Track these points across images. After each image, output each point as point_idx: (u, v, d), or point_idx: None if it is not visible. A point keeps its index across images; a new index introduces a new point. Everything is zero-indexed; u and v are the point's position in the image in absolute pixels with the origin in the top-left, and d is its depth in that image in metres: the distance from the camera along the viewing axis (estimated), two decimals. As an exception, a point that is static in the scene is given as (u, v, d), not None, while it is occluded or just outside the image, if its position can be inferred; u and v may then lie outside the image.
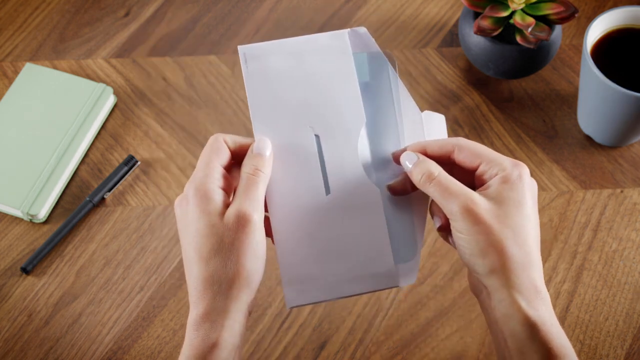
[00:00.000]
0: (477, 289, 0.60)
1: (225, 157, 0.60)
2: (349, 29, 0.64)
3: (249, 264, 0.57)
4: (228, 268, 0.56)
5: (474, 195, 0.58)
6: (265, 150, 0.60)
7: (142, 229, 0.84)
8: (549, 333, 0.56)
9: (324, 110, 0.62)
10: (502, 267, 0.56)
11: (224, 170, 0.60)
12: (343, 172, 0.61)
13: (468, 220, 0.57)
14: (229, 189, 0.60)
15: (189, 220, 0.58)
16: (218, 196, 0.58)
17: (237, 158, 0.61)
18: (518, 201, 0.58)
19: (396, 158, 0.63)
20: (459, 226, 0.57)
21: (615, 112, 0.81)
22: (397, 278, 0.61)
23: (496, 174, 0.59)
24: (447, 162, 0.61)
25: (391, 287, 0.61)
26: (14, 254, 0.83)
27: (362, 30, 0.64)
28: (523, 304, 0.56)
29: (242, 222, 0.56)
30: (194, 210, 0.57)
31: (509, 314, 0.56)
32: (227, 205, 0.58)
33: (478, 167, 0.60)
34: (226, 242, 0.56)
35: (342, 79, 0.63)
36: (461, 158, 0.60)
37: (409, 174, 0.61)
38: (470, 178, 0.61)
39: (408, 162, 0.61)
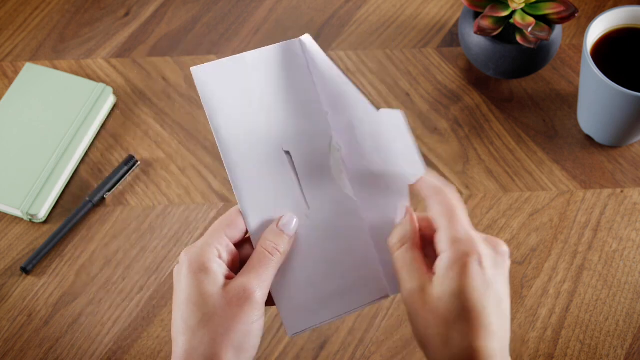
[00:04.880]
0: None
1: (237, 231, 0.57)
2: (297, 39, 0.62)
3: (239, 340, 0.54)
4: (216, 342, 0.53)
5: (427, 283, 0.53)
6: (291, 230, 0.58)
7: (142, 229, 0.84)
8: None
9: (289, 124, 0.60)
10: None
11: (231, 245, 0.57)
12: (318, 187, 0.60)
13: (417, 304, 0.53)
14: (233, 264, 0.57)
15: (181, 287, 0.55)
16: (216, 267, 0.55)
17: None
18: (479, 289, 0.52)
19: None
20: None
21: (615, 112, 0.81)
22: (386, 287, 0.60)
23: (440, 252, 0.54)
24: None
25: (383, 298, 0.60)
26: (14, 253, 0.83)
27: (308, 38, 0.62)
28: None
29: (243, 297, 0.54)
30: (186, 277, 0.55)
31: None
32: (226, 277, 0.55)
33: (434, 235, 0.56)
34: (219, 315, 0.54)
35: (301, 92, 0.60)
36: (422, 225, 0.57)
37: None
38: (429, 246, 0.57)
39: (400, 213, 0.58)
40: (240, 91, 0.60)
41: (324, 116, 0.61)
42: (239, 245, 0.58)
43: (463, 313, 0.51)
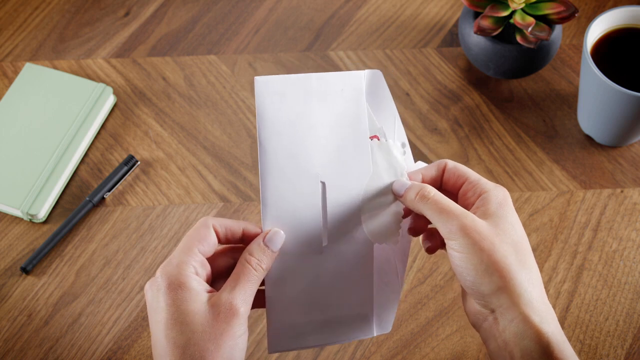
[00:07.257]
0: (479, 318, 0.58)
1: (209, 246, 0.58)
2: (365, 71, 0.62)
3: (228, 355, 0.55)
4: (206, 359, 0.54)
5: (471, 214, 0.57)
6: (276, 246, 0.58)
7: (142, 229, 0.84)
8: (562, 352, 0.54)
9: (332, 156, 0.60)
10: (510, 283, 0.55)
11: (204, 259, 0.57)
12: (342, 223, 0.60)
13: (468, 238, 0.55)
14: (207, 278, 0.58)
15: (161, 307, 0.55)
16: (196, 284, 0.56)
17: (228, 242, 0.60)
18: (510, 219, 0.58)
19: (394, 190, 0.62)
20: (458, 246, 0.56)
21: (615, 112, 0.81)
22: (372, 329, 0.62)
23: (480, 195, 0.58)
24: (435, 186, 0.61)
25: (366, 337, 0.63)
26: (14, 253, 0.83)
27: (378, 72, 0.62)
28: (536, 320, 0.54)
29: (230, 313, 0.55)
30: (167, 295, 0.55)
31: (522, 332, 0.54)
32: (206, 292, 0.56)
33: (461, 186, 0.60)
34: (207, 332, 0.54)
35: (353, 126, 0.61)
36: (448, 176, 0.61)
37: (401, 198, 0.60)
38: (454, 200, 0.60)
39: (400, 187, 0.60)
40: (296, 112, 0.60)
41: (367, 154, 0.61)
42: (209, 258, 0.59)
43: (522, 240, 0.58)
